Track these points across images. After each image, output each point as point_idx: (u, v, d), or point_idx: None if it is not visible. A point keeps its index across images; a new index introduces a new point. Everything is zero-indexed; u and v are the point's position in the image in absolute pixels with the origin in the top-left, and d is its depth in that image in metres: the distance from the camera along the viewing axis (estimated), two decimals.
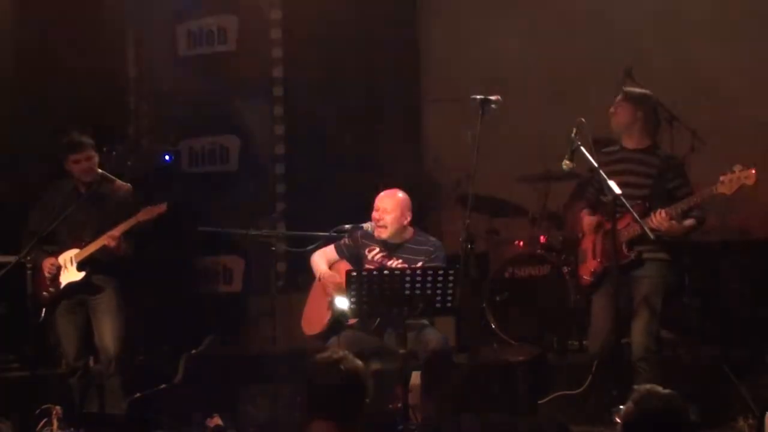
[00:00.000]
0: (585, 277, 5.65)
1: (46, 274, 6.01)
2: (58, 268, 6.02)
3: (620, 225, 5.37)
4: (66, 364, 6.22)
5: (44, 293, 6.02)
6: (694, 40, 7.48)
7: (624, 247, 5.39)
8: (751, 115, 7.32)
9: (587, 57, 7.66)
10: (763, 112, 7.28)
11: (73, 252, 6.04)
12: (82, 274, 6.03)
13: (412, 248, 5.73)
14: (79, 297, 6.10)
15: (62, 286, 6.04)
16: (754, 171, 5.05)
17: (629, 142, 5.60)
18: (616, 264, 5.22)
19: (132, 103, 8.93)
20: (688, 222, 5.35)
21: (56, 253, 6.07)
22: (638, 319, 5.41)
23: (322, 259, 5.90)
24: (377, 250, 5.79)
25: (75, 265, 6.03)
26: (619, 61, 7.00)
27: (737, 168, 5.11)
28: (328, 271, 5.79)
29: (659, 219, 5.26)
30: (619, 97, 5.60)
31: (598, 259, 5.55)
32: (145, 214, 5.97)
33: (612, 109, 5.59)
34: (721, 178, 5.13)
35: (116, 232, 5.93)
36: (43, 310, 6.03)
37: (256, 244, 5.79)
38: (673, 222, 5.27)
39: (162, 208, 5.95)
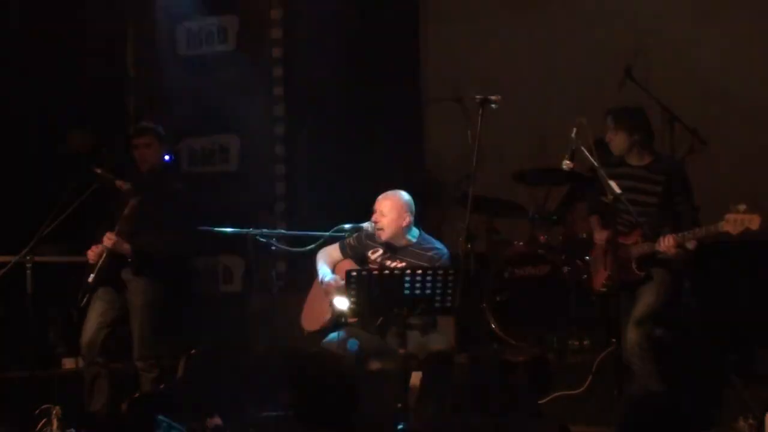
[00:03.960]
0: (597, 287, 5.71)
1: (91, 261, 6.11)
2: (102, 253, 6.09)
3: (629, 241, 5.39)
4: (81, 346, 6.26)
5: (89, 280, 6.12)
6: (694, 39, 7.48)
7: (634, 265, 5.42)
8: (750, 115, 7.31)
9: (587, 57, 7.65)
10: (762, 111, 7.28)
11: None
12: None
13: (416, 252, 5.70)
14: (111, 288, 6.18)
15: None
16: (758, 217, 5.04)
17: (631, 160, 5.62)
18: (616, 270, 5.23)
19: (132, 103, 8.92)
20: (691, 245, 5.36)
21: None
22: (633, 318, 5.44)
23: (326, 260, 5.88)
24: (381, 251, 5.77)
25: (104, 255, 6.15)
26: (619, 60, 7.00)
27: (742, 208, 5.10)
28: (333, 276, 5.77)
29: (667, 245, 5.29)
30: (609, 123, 5.57)
31: (609, 272, 5.56)
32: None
33: (608, 137, 5.59)
34: (727, 217, 5.12)
35: (112, 235, 6.04)
36: (86, 296, 6.13)
37: (256, 244, 5.78)
38: (680, 249, 5.30)
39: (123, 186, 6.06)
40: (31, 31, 8.04)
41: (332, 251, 5.91)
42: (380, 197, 5.75)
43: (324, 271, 5.82)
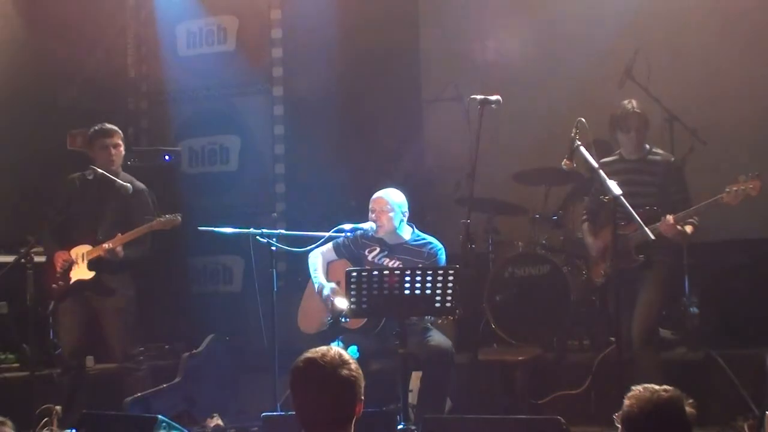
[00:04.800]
0: (596, 279, 5.75)
1: (58, 269, 6.03)
2: (71, 264, 6.03)
3: (629, 230, 5.41)
4: (61, 361, 6.19)
5: (54, 286, 6.04)
6: (693, 39, 7.47)
7: (633, 251, 5.45)
8: (750, 114, 7.31)
9: (587, 57, 7.65)
10: (763, 110, 7.27)
11: (86, 248, 6.07)
12: (92, 274, 6.05)
13: (411, 249, 5.74)
14: (87, 295, 6.10)
15: (72, 281, 6.05)
16: (759, 182, 5.11)
17: (630, 152, 5.68)
18: (616, 268, 5.24)
19: (132, 103, 8.92)
20: (689, 228, 5.44)
21: (69, 247, 6.08)
22: (638, 311, 5.48)
23: (319, 263, 5.88)
24: (378, 250, 5.80)
25: (86, 262, 6.05)
26: (619, 60, 7.00)
27: (741, 178, 5.18)
28: (330, 288, 5.78)
29: (666, 226, 5.34)
30: (640, 121, 5.67)
31: (608, 263, 5.61)
32: (160, 225, 6.01)
33: (632, 134, 5.64)
34: (727, 188, 5.20)
35: (113, 244, 5.98)
36: (51, 303, 6.05)
37: (256, 244, 5.78)
38: (679, 228, 5.35)
39: (177, 221, 6.02)
40: (32, 32, 8.04)
41: (326, 252, 5.93)
42: (375, 196, 5.82)
43: (320, 282, 5.83)
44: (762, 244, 7.03)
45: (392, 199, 5.76)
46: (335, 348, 3.22)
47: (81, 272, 6.07)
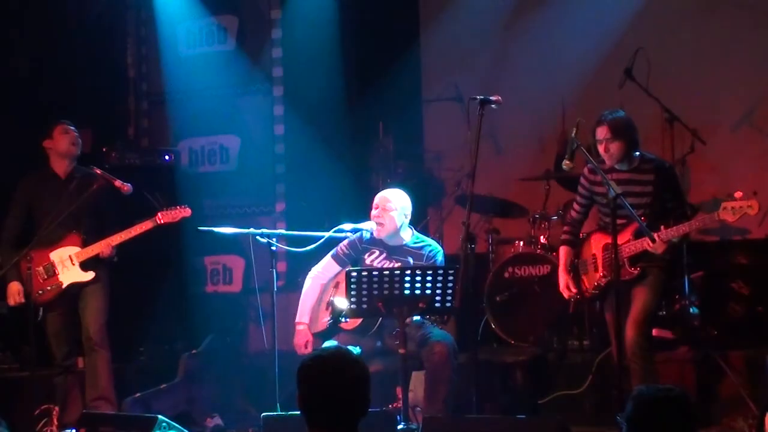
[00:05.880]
0: (589, 289, 5.65)
1: (42, 277, 5.91)
2: (54, 269, 5.93)
3: (620, 241, 5.35)
4: (56, 363, 6.12)
5: (39, 292, 5.89)
6: (693, 39, 7.48)
7: (627, 263, 5.38)
8: (750, 114, 7.32)
9: (587, 57, 7.65)
10: (763, 110, 7.28)
11: (71, 250, 5.98)
12: (91, 274, 5.97)
13: (411, 251, 5.72)
14: (69, 300, 6.02)
15: (65, 285, 5.96)
16: (757, 202, 5.06)
17: (620, 165, 5.58)
18: (616, 269, 5.22)
19: (132, 103, 8.92)
20: (677, 240, 5.37)
21: (40, 249, 5.92)
22: (631, 318, 5.41)
23: (319, 285, 5.81)
24: (377, 253, 5.78)
25: (77, 264, 5.98)
26: (619, 61, 7.00)
27: (739, 195, 5.11)
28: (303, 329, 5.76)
29: (657, 246, 5.26)
30: (606, 134, 5.44)
31: (601, 273, 5.54)
32: (166, 217, 5.96)
33: (602, 147, 5.49)
34: (724, 205, 5.14)
35: (115, 240, 5.93)
36: (41, 310, 5.93)
37: (256, 244, 5.78)
38: (667, 245, 5.28)
39: (187, 212, 5.97)
40: (32, 31, 8.04)
41: (328, 267, 5.83)
42: (381, 193, 5.80)
43: (298, 317, 5.80)
44: (762, 244, 7.03)
45: (396, 198, 5.74)
46: (344, 347, 3.22)
47: (75, 275, 5.96)
